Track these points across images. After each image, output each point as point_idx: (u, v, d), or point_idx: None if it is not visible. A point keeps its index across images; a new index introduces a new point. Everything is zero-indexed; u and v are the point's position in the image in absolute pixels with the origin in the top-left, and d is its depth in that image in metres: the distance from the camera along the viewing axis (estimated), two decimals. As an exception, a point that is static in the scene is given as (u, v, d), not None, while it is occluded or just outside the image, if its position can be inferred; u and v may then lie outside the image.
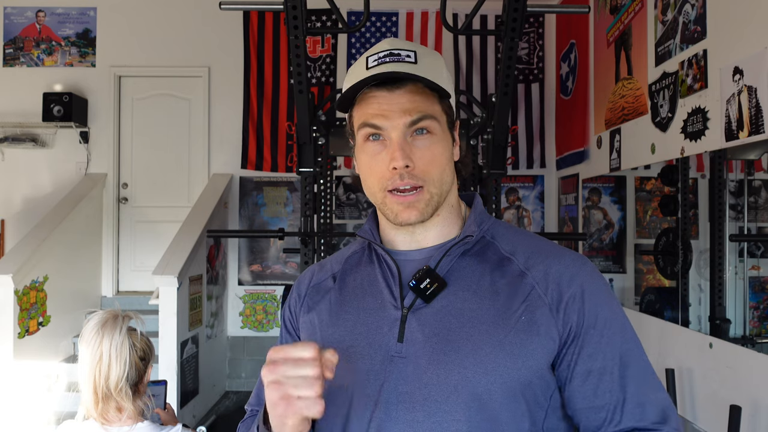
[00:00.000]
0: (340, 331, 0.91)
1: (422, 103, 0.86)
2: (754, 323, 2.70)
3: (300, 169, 3.31)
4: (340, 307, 0.93)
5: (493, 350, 0.81)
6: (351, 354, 0.87)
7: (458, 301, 0.86)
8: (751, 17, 2.45)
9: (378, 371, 0.85)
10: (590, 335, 0.84)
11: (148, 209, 5.34)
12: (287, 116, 5.19)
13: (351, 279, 0.95)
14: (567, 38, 4.87)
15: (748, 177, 2.78)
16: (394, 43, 0.88)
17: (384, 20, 5.19)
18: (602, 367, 0.83)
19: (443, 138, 0.88)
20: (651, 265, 3.59)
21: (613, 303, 0.87)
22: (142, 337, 1.57)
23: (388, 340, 0.86)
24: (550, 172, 5.22)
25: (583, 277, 0.86)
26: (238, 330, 5.19)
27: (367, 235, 0.95)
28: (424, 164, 0.86)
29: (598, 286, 0.87)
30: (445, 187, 0.89)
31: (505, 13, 2.85)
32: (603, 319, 0.85)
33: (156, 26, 5.29)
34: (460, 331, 0.83)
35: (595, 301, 0.85)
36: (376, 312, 0.89)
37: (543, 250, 0.90)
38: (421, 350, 0.84)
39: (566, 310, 0.83)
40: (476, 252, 0.90)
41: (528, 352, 0.82)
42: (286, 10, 2.78)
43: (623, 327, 0.86)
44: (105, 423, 1.50)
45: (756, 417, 2.31)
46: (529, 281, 0.85)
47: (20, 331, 4.01)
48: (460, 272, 0.88)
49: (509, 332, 0.82)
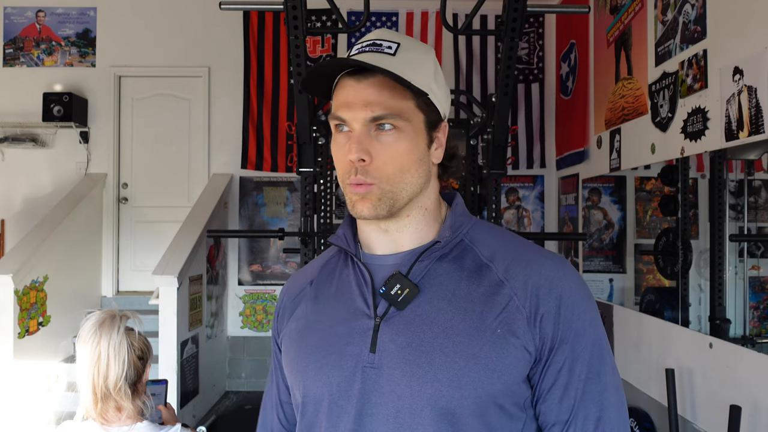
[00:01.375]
0: (313, 340, 0.88)
1: (390, 99, 0.81)
2: (754, 323, 2.70)
3: (300, 169, 3.30)
4: (314, 316, 0.91)
5: (467, 364, 0.78)
6: (324, 365, 0.85)
7: (433, 310, 0.82)
8: (751, 17, 2.45)
9: (350, 382, 0.83)
10: (562, 349, 0.81)
11: (148, 209, 5.35)
12: (287, 116, 5.20)
13: (326, 286, 0.93)
14: (567, 38, 4.87)
15: (748, 177, 2.77)
16: (382, 34, 0.86)
17: (384, 20, 5.19)
18: (568, 383, 0.81)
19: (412, 137, 0.83)
20: (651, 265, 3.58)
21: (587, 315, 0.83)
22: (140, 337, 1.57)
23: (360, 350, 0.83)
24: (550, 172, 5.22)
25: (562, 288, 0.82)
26: (238, 330, 5.19)
27: (339, 242, 0.92)
28: (381, 161, 0.81)
29: (576, 297, 0.83)
30: (404, 187, 0.83)
31: (505, 13, 2.85)
32: (576, 335, 0.81)
33: (156, 26, 5.29)
34: (434, 341, 0.80)
35: (570, 314, 0.81)
36: (348, 321, 0.86)
37: (523, 256, 0.85)
38: (394, 361, 0.81)
39: (542, 323, 0.80)
40: (454, 257, 0.86)
41: (503, 366, 0.79)
42: (286, 10, 2.78)
43: (599, 345, 0.83)
44: (104, 423, 1.50)
45: (756, 417, 2.31)
46: (507, 291, 0.82)
47: (20, 331, 4.01)
48: (435, 279, 0.85)
49: (484, 345, 0.79)
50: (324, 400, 0.85)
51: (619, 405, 0.83)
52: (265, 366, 5.13)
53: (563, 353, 0.81)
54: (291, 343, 0.92)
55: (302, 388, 0.88)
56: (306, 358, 0.88)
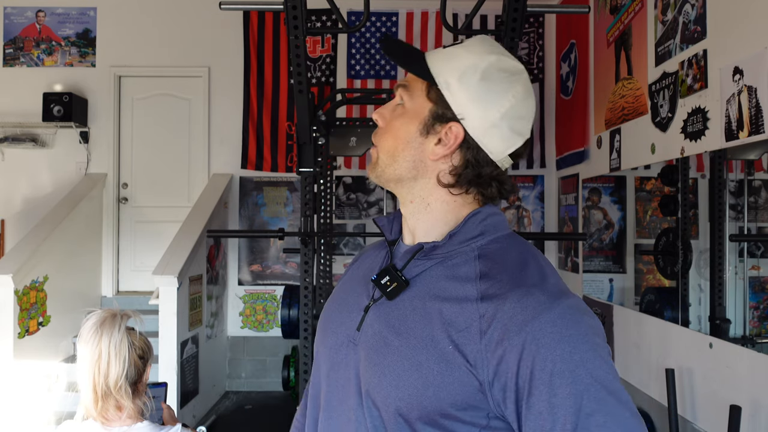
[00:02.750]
0: (332, 305, 0.98)
1: (413, 78, 0.88)
2: (754, 323, 2.70)
3: (300, 169, 3.31)
4: (341, 286, 1.01)
5: (408, 369, 0.78)
6: (328, 330, 0.95)
7: (410, 308, 0.83)
8: (751, 17, 2.45)
9: (337, 350, 0.90)
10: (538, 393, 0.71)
11: (148, 209, 5.35)
12: (287, 116, 5.20)
13: (364, 262, 1.00)
14: (567, 38, 4.87)
15: (748, 177, 2.77)
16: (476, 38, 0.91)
17: (384, 20, 5.19)
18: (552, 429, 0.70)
19: (408, 115, 0.87)
20: (651, 265, 3.58)
21: (575, 356, 0.71)
22: (140, 336, 1.57)
23: (351, 325, 0.90)
24: (550, 172, 5.22)
25: (537, 330, 0.72)
26: (238, 330, 5.19)
27: (381, 222, 0.97)
28: (384, 130, 0.90)
29: (554, 334, 0.72)
30: (392, 163, 0.88)
31: (505, 13, 2.85)
32: (552, 374, 0.71)
33: (156, 26, 5.29)
34: (396, 338, 0.82)
35: (545, 355, 0.71)
36: (356, 297, 0.93)
37: (515, 280, 0.78)
38: (366, 343, 0.86)
39: (504, 356, 0.73)
40: (453, 264, 0.83)
41: (442, 384, 0.75)
42: (286, 10, 2.78)
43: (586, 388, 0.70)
44: (105, 422, 1.50)
45: (756, 417, 2.31)
46: (478, 311, 0.76)
47: (20, 331, 4.01)
48: (426, 280, 0.84)
49: (430, 357, 0.77)
50: (320, 359, 0.95)
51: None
52: (265, 366, 5.13)
53: (540, 396, 0.71)
54: (323, 309, 1.02)
55: (316, 348, 0.99)
56: (323, 323, 0.98)
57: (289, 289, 4.04)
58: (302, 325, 3.38)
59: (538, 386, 0.71)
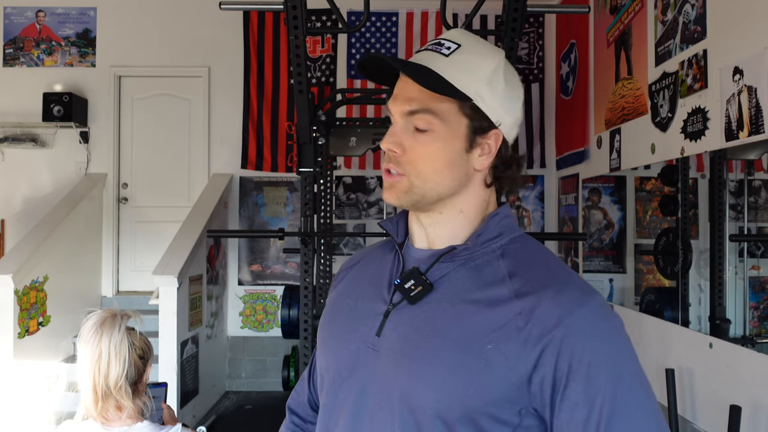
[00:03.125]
0: (339, 315, 0.95)
1: (429, 97, 0.82)
2: (754, 323, 2.70)
3: (300, 169, 3.31)
4: (347, 292, 0.97)
5: (449, 371, 0.78)
6: (339, 337, 0.92)
7: (437, 311, 0.83)
8: (751, 17, 2.45)
9: (353, 358, 0.88)
10: (575, 384, 0.74)
11: (148, 209, 5.35)
12: (287, 116, 5.20)
13: (366, 268, 0.98)
14: (567, 38, 4.87)
15: (748, 177, 2.77)
16: (452, 34, 0.87)
17: (384, 20, 5.19)
18: (586, 420, 0.74)
19: (446, 138, 0.83)
20: (651, 265, 3.58)
21: (608, 349, 0.76)
22: (140, 336, 1.57)
23: (369, 331, 0.87)
24: (550, 172, 5.22)
25: (574, 322, 0.76)
26: (238, 330, 5.19)
27: (388, 227, 0.95)
28: (413, 155, 0.84)
29: (588, 328, 0.76)
30: (433, 186, 0.84)
31: (505, 13, 2.85)
32: (589, 367, 0.74)
33: (156, 26, 5.29)
34: (429, 340, 0.81)
35: (582, 347, 0.75)
36: (369, 302, 0.91)
37: (544, 278, 0.81)
38: (390, 349, 0.84)
39: (545, 351, 0.75)
40: (476, 266, 0.85)
41: (484, 383, 0.76)
42: (286, 10, 2.78)
43: (619, 377, 0.75)
44: (105, 422, 1.50)
45: (756, 417, 2.31)
46: (513, 309, 0.78)
47: (20, 331, 4.01)
48: (451, 282, 0.85)
49: (469, 356, 0.78)
50: (332, 370, 0.91)
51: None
52: (266, 366, 5.13)
53: (576, 388, 0.74)
54: (324, 314, 1.00)
55: (322, 354, 0.95)
56: (330, 329, 0.95)
57: (289, 289, 4.04)
58: (302, 325, 3.38)
59: (576, 377, 0.74)
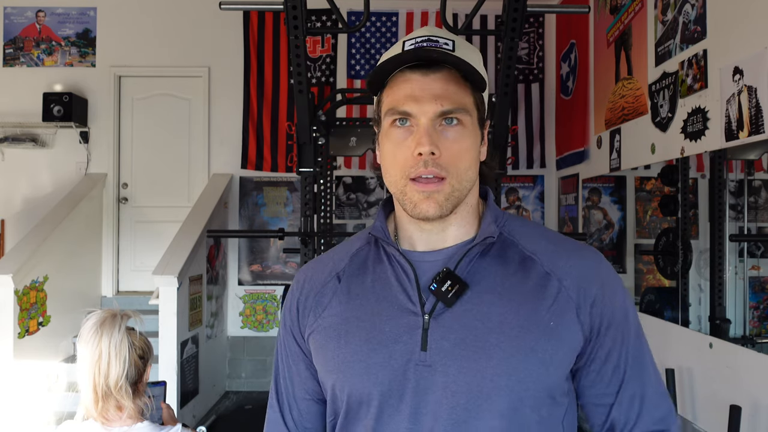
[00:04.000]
0: (356, 339, 0.85)
1: (456, 93, 0.81)
2: (754, 323, 2.70)
3: (300, 169, 3.31)
4: (352, 313, 0.87)
5: (525, 357, 0.79)
6: (371, 364, 0.83)
7: (483, 305, 0.82)
8: (751, 17, 2.45)
9: (402, 381, 0.81)
10: (609, 334, 0.84)
11: (148, 209, 5.34)
12: (287, 116, 5.19)
13: (359, 281, 0.89)
14: (567, 38, 4.87)
15: (748, 177, 2.77)
16: (434, 31, 0.85)
17: (384, 20, 5.19)
18: (617, 366, 0.85)
19: (473, 133, 0.83)
20: (651, 265, 3.58)
21: (626, 300, 0.88)
22: (140, 336, 1.57)
23: (411, 348, 0.81)
24: (550, 172, 5.22)
25: (603, 276, 0.86)
26: (238, 330, 5.19)
27: (379, 234, 0.88)
28: (451, 155, 0.80)
29: (615, 283, 0.87)
30: (467, 185, 0.83)
31: (505, 13, 2.85)
32: (620, 318, 0.85)
33: (156, 26, 5.29)
34: (489, 336, 0.80)
35: (612, 300, 0.85)
36: (393, 318, 0.84)
37: (563, 248, 0.87)
38: (448, 358, 0.80)
39: (591, 311, 0.83)
40: (497, 252, 0.86)
41: (559, 359, 0.81)
42: (286, 10, 2.78)
43: (637, 326, 0.88)
44: (105, 422, 1.49)
45: (756, 417, 2.31)
46: (555, 283, 0.83)
47: (20, 331, 4.01)
48: (481, 274, 0.84)
49: (540, 338, 0.80)
50: (374, 400, 0.83)
51: (657, 384, 0.88)
52: (266, 366, 5.13)
53: (611, 337, 0.84)
54: (326, 341, 0.88)
55: (347, 388, 0.85)
56: (349, 358, 0.85)
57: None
58: (302, 325, 3.37)
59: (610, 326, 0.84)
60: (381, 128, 0.86)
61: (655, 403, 0.86)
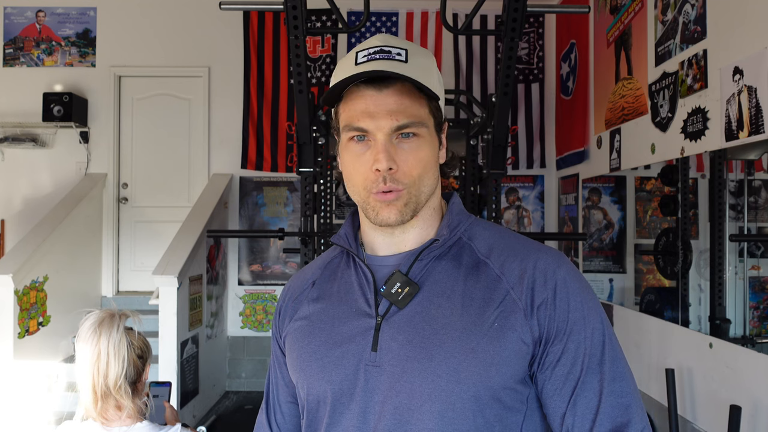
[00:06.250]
0: (316, 340, 0.89)
1: (410, 106, 0.83)
2: (754, 323, 2.70)
3: (300, 169, 3.30)
4: (317, 316, 0.91)
5: (465, 358, 0.79)
6: (326, 364, 0.87)
7: (432, 307, 0.83)
8: (750, 17, 2.45)
9: (352, 380, 0.84)
10: (560, 339, 0.81)
11: (148, 209, 5.35)
12: (287, 116, 5.20)
13: (328, 287, 0.94)
14: (567, 38, 4.87)
15: (748, 177, 2.77)
16: (386, 40, 0.86)
17: (384, 20, 5.19)
18: (570, 372, 0.81)
19: (429, 141, 0.86)
20: (651, 265, 3.58)
21: (586, 304, 0.83)
22: (139, 336, 1.57)
23: (362, 349, 0.85)
24: (550, 172, 5.22)
25: (556, 280, 0.83)
26: (238, 330, 5.19)
27: (341, 242, 0.93)
28: (408, 167, 0.83)
29: (572, 287, 0.83)
30: (425, 190, 0.86)
31: (505, 13, 2.84)
32: (574, 323, 0.82)
33: (156, 26, 5.29)
34: (434, 338, 0.81)
35: (566, 305, 0.82)
36: (349, 320, 0.87)
37: (518, 251, 0.86)
38: (395, 358, 0.82)
39: (539, 314, 0.81)
40: (452, 255, 0.88)
41: (501, 360, 0.80)
42: (286, 10, 2.78)
43: (601, 332, 0.83)
44: (104, 422, 1.49)
45: (756, 417, 2.30)
46: (504, 286, 0.83)
47: (20, 331, 4.01)
48: (434, 277, 0.86)
49: (482, 339, 0.80)
50: (327, 399, 0.86)
51: (622, 394, 0.80)
52: (265, 366, 5.13)
53: (561, 343, 0.81)
54: (294, 342, 0.93)
55: (306, 387, 0.89)
56: (309, 357, 0.89)
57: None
58: (302, 325, 3.37)
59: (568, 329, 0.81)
60: (340, 140, 0.88)
61: (611, 415, 0.79)
